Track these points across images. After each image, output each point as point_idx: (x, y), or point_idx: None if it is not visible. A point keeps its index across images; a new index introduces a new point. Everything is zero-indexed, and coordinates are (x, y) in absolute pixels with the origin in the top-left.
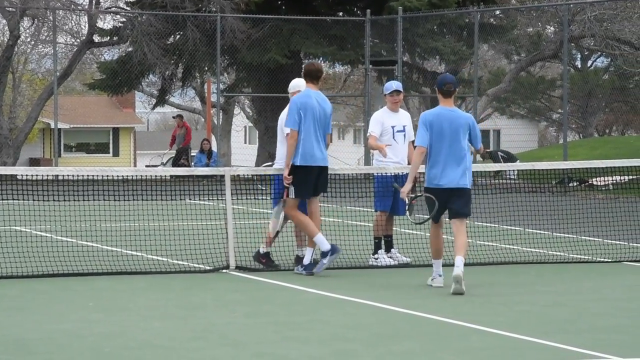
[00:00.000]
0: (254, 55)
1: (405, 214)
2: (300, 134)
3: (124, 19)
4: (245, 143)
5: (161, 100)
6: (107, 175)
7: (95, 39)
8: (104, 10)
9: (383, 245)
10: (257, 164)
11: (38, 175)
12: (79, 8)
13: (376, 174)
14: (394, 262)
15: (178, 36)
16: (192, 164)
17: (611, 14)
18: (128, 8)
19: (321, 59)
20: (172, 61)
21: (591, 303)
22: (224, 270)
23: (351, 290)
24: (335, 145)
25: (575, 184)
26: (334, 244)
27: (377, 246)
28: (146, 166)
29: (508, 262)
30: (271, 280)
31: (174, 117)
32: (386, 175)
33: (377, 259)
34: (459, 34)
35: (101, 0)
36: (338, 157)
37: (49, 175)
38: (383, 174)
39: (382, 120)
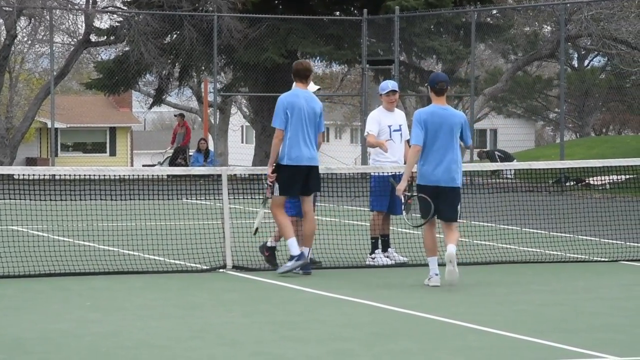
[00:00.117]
0: (251, 54)
1: (402, 213)
2: (286, 134)
3: (121, 19)
4: (242, 142)
5: (158, 99)
6: (104, 175)
7: (92, 38)
8: (101, 10)
9: (380, 244)
10: (254, 164)
11: (35, 175)
12: (75, 7)
13: (373, 173)
14: (391, 262)
15: (175, 35)
16: (190, 163)
17: (608, 13)
18: (125, 7)
19: (318, 58)
20: (169, 60)
21: (588, 302)
22: (221, 270)
23: (348, 290)
24: (332, 144)
25: (572, 183)
26: (303, 253)
27: (374, 246)
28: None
29: (505, 262)
30: (268, 279)
31: (176, 116)
32: (383, 175)
33: (374, 258)
34: (456, 33)
35: (98, 0)
36: (335, 157)
37: (45, 175)
38: (380, 174)
39: (379, 120)
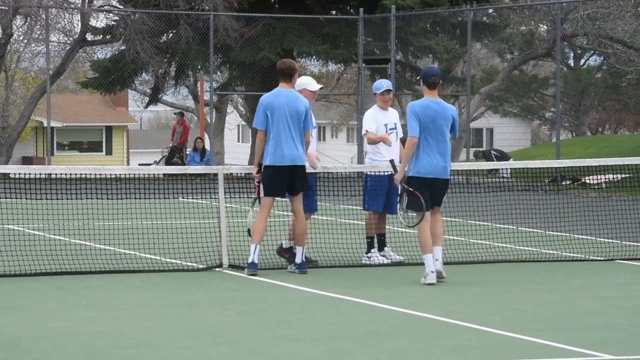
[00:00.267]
0: (247, 53)
1: (399, 213)
2: (269, 134)
3: (117, 18)
4: (238, 141)
5: (154, 98)
6: (100, 174)
7: (88, 37)
8: (97, 9)
9: (376, 243)
10: (250, 163)
11: (31, 174)
12: (71, 6)
13: (368, 172)
14: (387, 261)
15: (171, 34)
16: (186, 162)
17: (604, 12)
18: (121, 6)
19: (314, 57)
20: (165, 59)
21: (584, 301)
22: (217, 269)
23: (344, 289)
24: (328, 143)
25: (568, 182)
26: (254, 262)
27: (370, 245)
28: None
29: (501, 261)
30: (264, 278)
31: (175, 114)
32: (379, 175)
33: (370, 257)
34: (452, 32)
35: None
36: (331, 156)
37: (41, 174)
38: (375, 173)
39: (376, 118)
